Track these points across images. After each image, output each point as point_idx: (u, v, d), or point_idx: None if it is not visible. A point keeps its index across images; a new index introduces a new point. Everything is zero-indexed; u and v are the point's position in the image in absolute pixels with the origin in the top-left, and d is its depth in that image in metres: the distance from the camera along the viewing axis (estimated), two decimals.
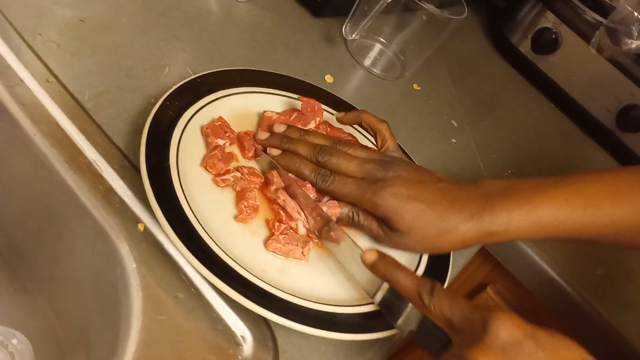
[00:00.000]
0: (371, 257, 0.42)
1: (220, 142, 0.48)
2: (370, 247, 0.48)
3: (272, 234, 0.46)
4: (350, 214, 0.48)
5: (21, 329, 0.48)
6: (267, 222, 0.47)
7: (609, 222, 0.47)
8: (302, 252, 0.45)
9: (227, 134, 0.50)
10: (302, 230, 0.47)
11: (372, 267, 0.42)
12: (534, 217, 0.46)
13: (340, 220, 0.49)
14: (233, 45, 0.63)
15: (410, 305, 0.40)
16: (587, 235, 0.48)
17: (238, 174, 0.48)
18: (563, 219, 0.47)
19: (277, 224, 0.46)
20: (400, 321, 0.41)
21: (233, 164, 0.49)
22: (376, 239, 0.49)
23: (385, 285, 0.42)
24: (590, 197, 0.47)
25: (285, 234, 0.46)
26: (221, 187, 0.47)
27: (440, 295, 0.37)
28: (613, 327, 0.60)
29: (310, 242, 0.47)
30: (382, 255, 0.42)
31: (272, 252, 0.45)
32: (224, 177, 0.47)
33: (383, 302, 0.42)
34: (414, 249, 0.48)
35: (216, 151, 0.47)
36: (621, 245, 0.51)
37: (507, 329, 0.33)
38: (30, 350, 0.47)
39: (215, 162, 0.47)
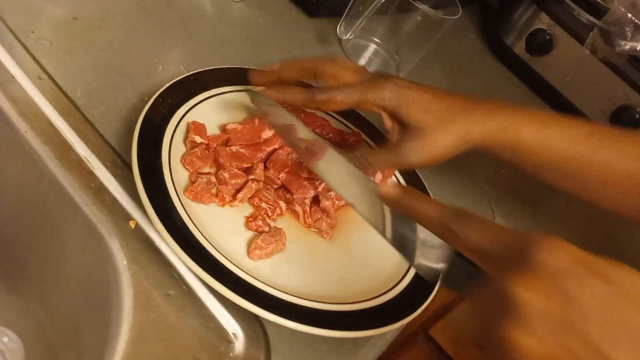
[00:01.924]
0: (388, 189, 0.36)
1: (198, 139, 0.48)
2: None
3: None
4: (354, 160, 0.48)
5: (12, 328, 0.48)
6: (247, 220, 0.47)
7: (607, 161, 0.47)
8: (282, 242, 0.45)
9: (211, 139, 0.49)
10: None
11: (390, 202, 0.36)
12: (539, 128, 0.46)
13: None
14: (227, 44, 0.63)
15: (430, 238, 0.34)
16: (583, 169, 0.48)
17: (212, 178, 0.47)
18: (566, 141, 0.47)
19: (253, 222, 0.46)
20: (418, 259, 0.35)
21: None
22: (393, 165, 0.49)
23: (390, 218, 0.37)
24: (596, 130, 0.48)
25: (263, 232, 0.46)
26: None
27: (472, 221, 0.31)
28: None
29: (282, 229, 0.46)
30: (401, 187, 0.36)
31: (259, 259, 0.44)
32: (200, 175, 0.46)
33: (396, 239, 0.36)
34: (437, 155, 0.47)
35: (197, 149, 0.47)
36: (606, 196, 0.50)
37: (554, 255, 0.26)
38: (21, 348, 0.47)
39: (193, 160, 0.46)
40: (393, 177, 0.57)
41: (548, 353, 0.25)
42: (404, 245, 0.36)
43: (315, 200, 0.50)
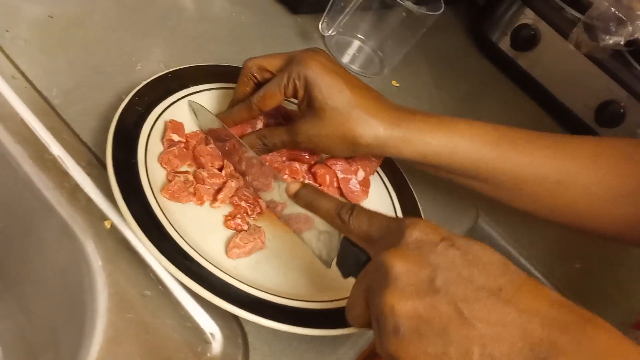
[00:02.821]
0: (294, 186, 0.41)
1: (176, 137, 0.47)
2: None
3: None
4: (258, 140, 0.49)
5: None
6: (225, 219, 0.46)
7: (518, 163, 0.48)
8: (261, 240, 0.45)
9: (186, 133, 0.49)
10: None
11: (295, 197, 0.41)
12: (451, 136, 0.47)
13: (252, 147, 0.49)
14: (208, 42, 0.63)
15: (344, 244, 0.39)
16: (495, 172, 0.49)
17: (190, 177, 0.46)
18: (477, 148, 0.48)
19: (232, 221, 0.46)
20: (325, 253, 0.41)
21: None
22: (289, 144, 0.48)
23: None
24: (507, 136, 0.49)
25: (242, 231, 0.45)
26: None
27: (360, 212, 0.37)
28: None
29: (261, 227, 0.46)
30: (304, 184, 0.41)
31: (237, 258, 0.44)
32: (177, 173, 0.46)
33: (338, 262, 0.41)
34: (326, 138, 0.47)
35: (174, 148, 0.46)
36: (520, 197, 0.51)
37: (422, 231, 0.32)
38: None
39: (170, 159, 0.46)
40: (375, 174, 0.57)
41: (417, 311, 0.29)
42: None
43: None
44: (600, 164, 0.49)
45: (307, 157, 0.53)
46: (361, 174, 0.54)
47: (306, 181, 0.52)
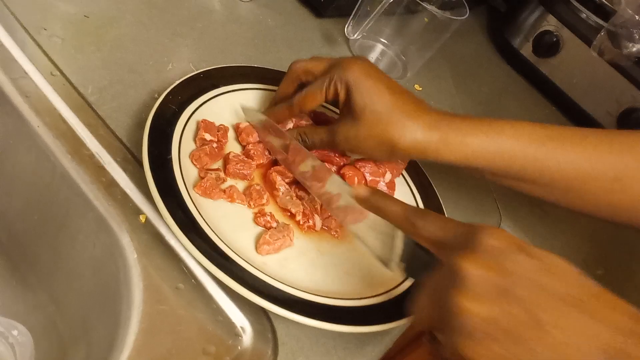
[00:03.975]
0: (362, 190, 0.41)
1: (208, 137, 0.48)
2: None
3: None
4: (299, 137, 0.50)
5: (22, 322, 0.49)
6: (255, 215, 0.47)
7: (571, 161, 0.46)
8: (290, 237, 0.46)
9: (220, 132, 0.50)
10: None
11: (362, 201, 0.41)
12: (494, 137, 0.46)
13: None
14: (236, 43, 0.64)
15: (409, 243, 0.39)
16: (545, 172, 0.47)
17: (221, 174, 0.47)
18: (523, 147, 0.46)
19: (261, 218, 0.46)
20: (385, 253, 0.40)
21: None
22: (327, 144, 0.49)
23: (398, 250, 0.40)
24: (555, 133, 0.47)
25: (271, 228, 0.46)
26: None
27: (431, 217, 0.36)
28: None
29: (290, 225, 0.47)
30: (371, 189, 0.41)
31: (267, 254, 0.45)
32: (209, 170, 0.47)
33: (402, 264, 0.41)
34: (364, 141, 0.47)
35: (206, 146, 0.47)
36: (575, 197, 0.49)
37: (496, 239, 0.32)
38: (30, 341, 0.47)
39: (201, 156, 0.47)
40: (401, 176, 0.57)
41: (491, 315, 0.30)
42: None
43: None
44: None
45: (337, 158, 0.53)
46: (388, 176, 0.54)
47: None
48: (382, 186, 0.54)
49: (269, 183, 0.49)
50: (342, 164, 0.54)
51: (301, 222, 0.48)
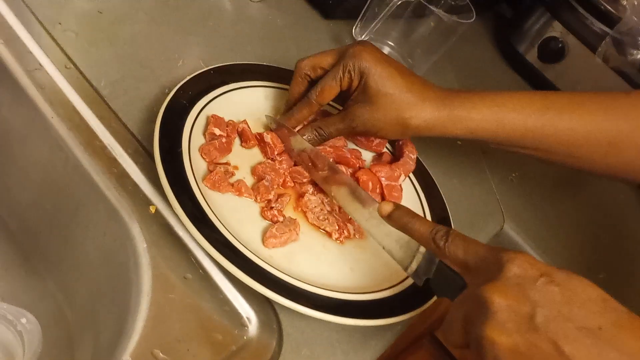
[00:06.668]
0: (387, 207, 0.43)
1: (217, 131, 0.49)
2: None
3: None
4: (315, 131, 0.52)
5: (30, 310, 0.49)
6: (262, 209, 0.48)
7: (568, 128, 0.49)
8: (296, 232, 0.47)
9: (229, 128, 0.51)
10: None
11: (388, 218, 0.43)
12: (495, 110, 0.49)
13: (310, 141, 0.52)
14: (245, 42, 0.65)
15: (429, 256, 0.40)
16: (544, 139, 0.50)
17: (230, 168, 0.48)
18: (523, 118, 0.49)
19: (268, 212, 0.47)
20: (413, 268, 0.42)
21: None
22: (344, 130, 0.51)
23: (420, 255, 0.42)
24: (553, 102, 0.50)
25: (278, 222, 0.47)
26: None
27: (455, 239, 0.38)
28: None
29: (297, 220, 0.48)
30: (397, 205, 0.43)
31: (273, 248, 0.46)
32: (217, 164, 0.48)
33: (416, 272, 0.42)
34: (380, 122, 0.49)
35: (215, 140, 0.48)
36: (574, 158, 0.52)
37: (520, 266, 0.33)
38: (38, 329, 0.48)
39: (210, 150, 0.48)
40: (405, 178, 0.58)
41: (517, 347, 0.30)
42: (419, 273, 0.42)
43: None
44: None
45: (353, 160, 0.55)
46: (402, 178, 0.55)
47: None
48: (397, 189, 0.55)
49: (301, 203, 0.50)
50: (357, 166, 0.55)
51: (336, 237, 0.49)
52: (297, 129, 0.53)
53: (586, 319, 0.30)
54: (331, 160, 0.54)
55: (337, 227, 0.49)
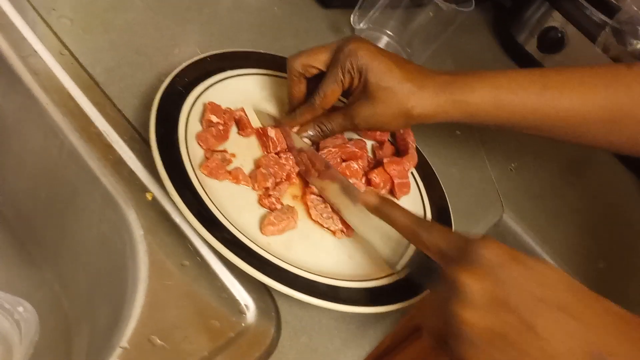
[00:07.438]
0: (371, 198, 0.43)
1: (214, 119, 0.49)
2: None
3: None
4: (317, 128, 0.52)
5: (27, 299, 0.49)
6: (260, 197, 0.47)
7: (568, 107, 0.49)
8: (294, 220, 0.46)
9: (226, 115, 0.50)
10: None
11: (371, 208, 0.43)
12: (495, 92, 0.48)
13: (312, 137, 0.52)
14: (242, 30, 0.64)
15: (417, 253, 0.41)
16: (545, 120, 0.50)
17: (227, 156, 0.48)
18: (523, 100, 0.49)
19: (266, 200, 0.47)
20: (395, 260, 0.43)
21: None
22: (346, 127, 0.51)
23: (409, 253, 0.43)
24: (552, 80, 0.49)
25: (275, 210, 0.46)
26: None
27: (436, 231, 0.39)
28: None
29: (295, 208, 0.47)
30: (380, 197, 0.43)
31: (271, 235, 0.45)
32: (214, 152, 0.47)
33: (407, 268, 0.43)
34: (382, 116, 0.49)
35: (212, 128, 0.48)
36: (576, 136, 0.52)
37: (493, 251, 0.34)
38: (35, 318, 0.47)
39: (207, 137, 0.47)
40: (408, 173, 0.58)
41: (487, 324, 0.32)
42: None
43: None
44: None
45: (360, 152, 0.55)
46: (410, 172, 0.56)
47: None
48: (406, 185, 0.55)
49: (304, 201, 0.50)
50: (368, 164, 0.55)
51: (339, 234, 0.49)
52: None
53: (555, 296, 0.31)
54: (338, 159, 0.53)
55: (339, 227, 0.49)
